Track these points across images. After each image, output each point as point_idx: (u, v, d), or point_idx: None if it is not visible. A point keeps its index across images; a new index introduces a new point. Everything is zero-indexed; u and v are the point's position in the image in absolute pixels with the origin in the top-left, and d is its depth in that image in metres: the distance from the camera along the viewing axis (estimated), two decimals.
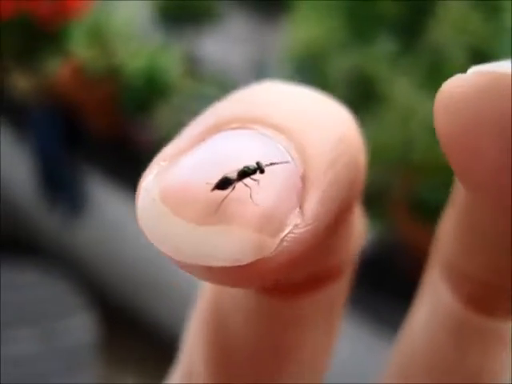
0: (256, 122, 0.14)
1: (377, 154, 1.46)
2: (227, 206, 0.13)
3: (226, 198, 0.13)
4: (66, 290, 1.43)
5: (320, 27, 1.70)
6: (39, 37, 1.64)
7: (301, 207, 0.13)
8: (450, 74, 0.12)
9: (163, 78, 1.64)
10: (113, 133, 1.64)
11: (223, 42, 1.87)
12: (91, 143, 1.65)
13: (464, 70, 0.12)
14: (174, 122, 1.56)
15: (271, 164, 0.13)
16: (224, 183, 0.13)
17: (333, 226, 0.15)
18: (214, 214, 0.13)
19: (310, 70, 1.67)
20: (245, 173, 0.13)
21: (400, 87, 1.41)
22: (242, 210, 0.13)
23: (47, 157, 1.65)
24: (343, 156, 0.15)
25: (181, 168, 0.13)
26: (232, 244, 0.13)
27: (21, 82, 1.68)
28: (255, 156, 0.14)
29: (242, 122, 0.14)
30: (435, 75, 1.37)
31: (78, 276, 1.55)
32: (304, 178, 0.14)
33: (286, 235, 0.13)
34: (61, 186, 1.65)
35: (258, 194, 0.13)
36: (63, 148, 1.64)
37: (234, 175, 0.13)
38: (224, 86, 1.70)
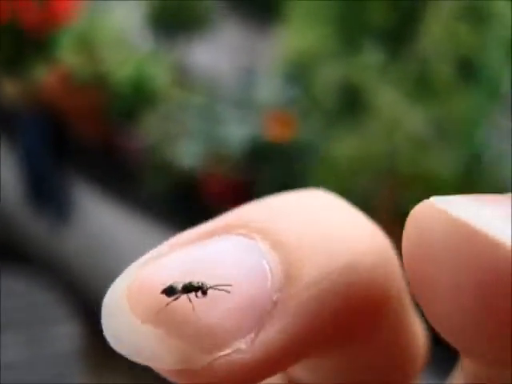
0: (259, 232, 0.14)
1: (362, 163, 1.46)
2: (170, 311, 0.13)
3: (168, 303, 0.13)
4: (53, 298, 1.42)
5: (310, 36, 1.71)
6: (28, 44, 1.64)
7: (256, 333, 0.13)
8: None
9: (151, 87, 1.64)
10: (100, 140, 1.63)
11: (214, 50, 1.88)
12: (78, 150, 1.65)
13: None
14: (161, 130, 1.56)
15: (215, 287, 0.13)
16: (169, 291, 0.13)
17: (313, 353, 0.14)
18: (156, 315, 0.13)
19: (298, 79, 1.67)
20: (187, 288, 0.13)
21: (386, 97, 1.41)
22: (180, 320, 0.13)
23: (34, 163, 1.65)
24: (340, 286, 0.14)
25: (154, 265, 0.14)
26: (162, 349, 0.13)
27: (9, 89, 1.68)
28: (227, 266, 0.13)
29: (247, 230, 0.14)
30: (422, 85, 1.38)
31: (64, 284, 1.55)
32: (276, 303, 0.13)
33: (222, 356, 0.13)
34: (48, 193, 1.64)
35: (206, 309, 0.13)
36: (50, 155, 1.64)
37: (179, 286, 0.13)
38: (212, 95, 1.70)
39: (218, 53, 1.86)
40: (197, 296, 0.13)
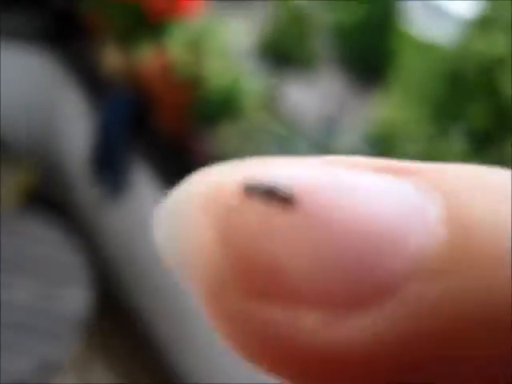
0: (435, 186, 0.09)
1: None
2: (240, 216, 0.10)
3: (241, 206, 0.10)
4: (78, 261, 1.44)
5: (404, 110, 1.72)
6: (143, 25, 1.71)
7: (346, 314, 0.09)
8: None
9: (240, 103, 1.68)
10: (176, 135, 1.67)
11: (307, 90, 1.91)
12: (152, 137, 1.69)
13: None
14: (235, 145, 1.59)
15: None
16: (250, 188, 0.10)
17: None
18: (224, 221, 0.10)
19: (379, 145, 1.69)
20: (272, 192, 0.09)
21: None
22: (248, 239, 0.09)
23: (109, 135, 1.70)
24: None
25: (259, 165, 0.10)
26: (207, 265, 0.10)
27: (113, 60, 1.74)
28: (366, 202, 0.09)
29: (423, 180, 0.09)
30: None
31: (93, 253, 1.57)
32: (401, 289, 0.09)
33: (271, 313, 0.09)
34: (111, 166, 1.68)
35: (292, 243, 0.09)
36: (127, 132, 1.69)
37: (262, 188, 0.10)
38: (293, 129, 1.73)
39: (311, 94, 1.90)
40: (286, 204, 0.09)
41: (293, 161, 0.10)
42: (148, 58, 1.69)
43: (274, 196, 0.09)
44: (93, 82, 1.80)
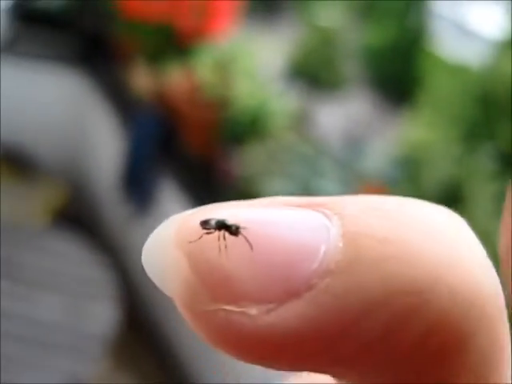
0: (335, 213, 0.13)
1: None
2: (200, 247, 0.13)
3: (201, 236, 0.13)
4: (105, 278, 1.45)
5: (434, 132, 1.71)
6: (172, 46, 1.73)
7: (274, 307, 0.12)
8: None
9: (268, 123, 1.69)
10: (203, 154, 1.69)
11: (335, 110, 1.92)
12: (180, 156, 1.71)
13: None
14: (261, 164, 1.60)
15: (245, 231, 0.13)
16: (205, 223, 0.13)
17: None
18: (187, 244, 0.13)
19: (406, 164, 1.68)
20: (220, 223, 0.13)
21: (483, 208, 1.40)
22: (204, 257, 0.13)
23: (138, 154, 1.72)
24: (403, 299, 0.12)
25: (207, 209, 0.14)
26: (177, 277, 0.13)
27: (141, 80, 1.77)
28: (280, 228, 0.13)
29: (324, 208, 0.13)
30: None
31: (120, 269, 1.58)
32: (311, 287, 0.12)
33: (226, 310, 0.12)
34: (138, 183, 1.70)
35: (234, 258, 0.12)
36: (155, 151, 1.70)
37: (213, 221, 0.13)
38: (320, 152, 1.73)
39: (339, 115, 1.90)
40: (230, 233, 0.13)
41: (239, 203, 0.14)
42: (176, 78, 1.72)
43: (223, 228, 0.13)
44: (122, 102, 1.83)
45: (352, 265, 0.12)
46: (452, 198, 1.55)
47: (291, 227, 0.13)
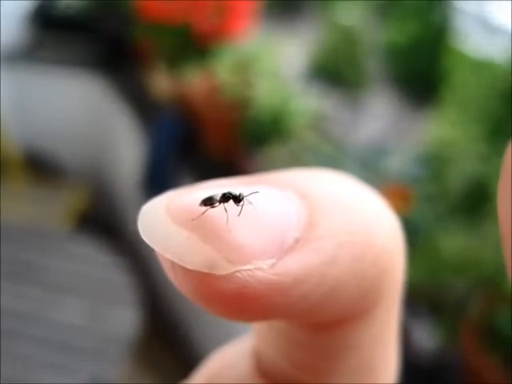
0: (293, 189, 0.16)
1: (464, 264, 1.41)
2: (205, 220, 0.15)
3: (204, 211, 0.15)
4: (127, 282, 1.45)
5: (459, 130, 1.69)
6: (191, 48, 1.73)
7: (277, 260, 0.15)
8: None
9: (289, 123, 1.67)
10: (224, 155, 1.68)
11: (359, 112, 1.90)
12: (202, 158, 1.70)
13: None
14: (283, 164, 1.58)
15: (251, 198, 0.15)
16: (208, 200, 0.15)
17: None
18: (191, 221, 0.15)
19: (430, 163, 1.65)
20: (226, 196, 0.15)
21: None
22: (213, 228, 0.15)
23: (159, 157, 1.72)
24: (359, 248, 0.16)
25: (195, 188, 0.16)
26: (191, 250, 0.14)
27: (162, 83, 1.77)
28: (262, 197, 0.16)
29: (280, 186, 0.16)
30: None
31: (142, 273, 1.58)
32: (298, 240, 0.15)
33: (244, 270, 0.14)
34: (159, 187, 1.70)
35: (239, 225, 0.15)
36: (176, 154, 1.70)
37: (218, 196, 0.15)
38: (342, 152, 1.71)
39: (362, 114, 1.88)
40: (237, 204, 0.15)
41: (221, 182, 0.17)
42: (196, 80, 1.71)
43: (230, 199, 0.15)
44: (143, 105, 1.83)
45: (310, 236, 0.15)
46: (477, 195, 1.52)
47: (274, 201, 0.15)
